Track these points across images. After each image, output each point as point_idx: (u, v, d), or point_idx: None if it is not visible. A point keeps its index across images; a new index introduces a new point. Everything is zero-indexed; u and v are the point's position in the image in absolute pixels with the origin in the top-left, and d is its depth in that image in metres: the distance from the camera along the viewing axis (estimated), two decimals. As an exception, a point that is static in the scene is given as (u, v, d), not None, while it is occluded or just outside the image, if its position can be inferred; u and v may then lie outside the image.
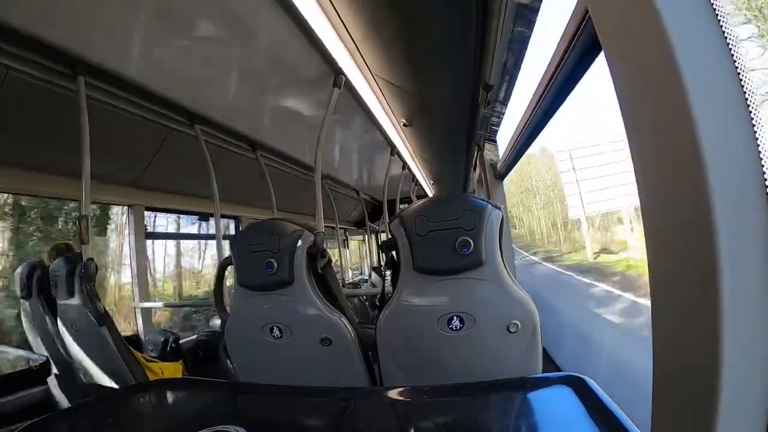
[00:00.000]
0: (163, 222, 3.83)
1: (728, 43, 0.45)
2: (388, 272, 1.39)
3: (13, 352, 2.47)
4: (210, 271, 4.77)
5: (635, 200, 0.54)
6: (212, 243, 4.29)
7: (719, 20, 0.45)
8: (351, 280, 6.17)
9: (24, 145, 2.13)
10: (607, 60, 0.55)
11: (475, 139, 3.42)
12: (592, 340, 4.15)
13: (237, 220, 4.25)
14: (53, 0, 1.45)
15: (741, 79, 0.44)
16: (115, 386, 1.90)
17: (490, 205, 1.19)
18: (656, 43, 0.46)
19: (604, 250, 7.03)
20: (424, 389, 0.92)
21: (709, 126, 0.43)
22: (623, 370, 2.77)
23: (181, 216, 3.97)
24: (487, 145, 3.46)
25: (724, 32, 0.45)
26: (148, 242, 3.21)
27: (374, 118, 2.87)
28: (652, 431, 0.52)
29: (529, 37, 1.76)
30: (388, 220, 4.66)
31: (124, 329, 2.93)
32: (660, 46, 0.45)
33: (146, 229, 3.14)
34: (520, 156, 2.91)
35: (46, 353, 2.26)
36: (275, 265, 1.32)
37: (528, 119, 2.14)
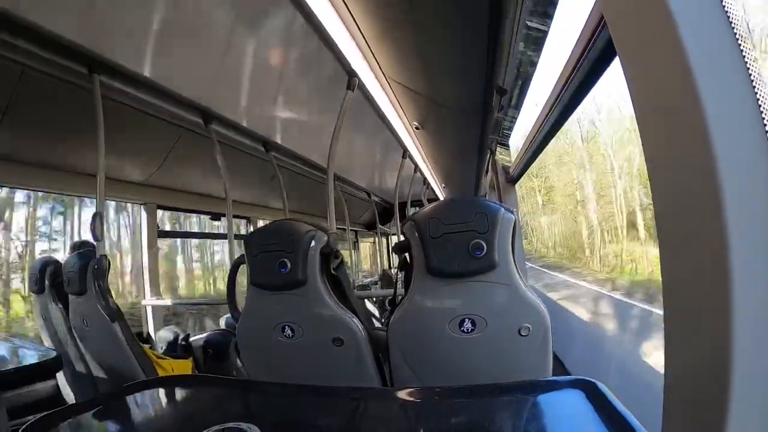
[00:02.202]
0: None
1: (742, 49, 0.45)
2: (400, 274, 1.40)
3: (24, 346, 2.50)
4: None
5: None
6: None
7: (732, 26, 0.45)
8: (361, 282, 6.15)
9: (39, 142, 2.16)
10: (622, 65, 0.55)
11: (487, 143, 3.42)
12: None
13: (248, 220, 4.26)
14: None
15: (754, 85, 0.44)
16: (126, 382, 1.91)
17: (503, 209, 1.19)
18: (671, 49, 0.46)
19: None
20: (435, 390, 0.92)
21: (723, 131, 0.43)
22: None
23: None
24: (500, 149, 3.46)
25: (737, 38, 0.45)
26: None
27: (387, 120, 2.87)
28: None
29: (544, 41, 1.75)
30: (399, 223, 4.65)
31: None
32: (675, 52, 0.45)
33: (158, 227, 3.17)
34: (533, 160, 2.90)
35: (56, 348, 2.28)
36: (289, 264, 1.32)
37: (542, 124, 2.13)
